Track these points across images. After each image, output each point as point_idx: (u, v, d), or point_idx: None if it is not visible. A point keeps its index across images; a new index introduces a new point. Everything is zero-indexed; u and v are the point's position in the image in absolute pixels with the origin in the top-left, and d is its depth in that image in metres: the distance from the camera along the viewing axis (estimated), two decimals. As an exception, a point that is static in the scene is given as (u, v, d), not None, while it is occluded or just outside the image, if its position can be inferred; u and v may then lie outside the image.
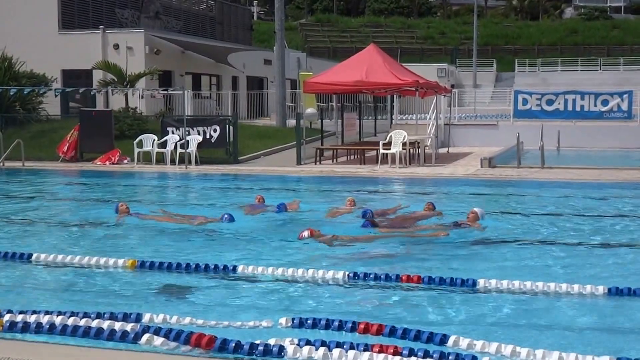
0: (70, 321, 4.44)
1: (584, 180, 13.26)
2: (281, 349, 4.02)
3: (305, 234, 7.59)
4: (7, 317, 4.53)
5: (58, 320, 4.46)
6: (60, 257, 6.76)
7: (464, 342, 4.22)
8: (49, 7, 25.63)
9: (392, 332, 4.39)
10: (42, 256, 6.78)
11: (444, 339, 4.26)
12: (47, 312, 4.64)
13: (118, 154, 17.44)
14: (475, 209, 8.55)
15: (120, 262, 6.58)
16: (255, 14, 60.04)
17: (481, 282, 5.79)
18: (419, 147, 17.03)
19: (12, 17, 25.36)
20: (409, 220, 8.76)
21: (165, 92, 21.33)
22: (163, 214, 9.35)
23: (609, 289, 5.56)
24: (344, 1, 77.80)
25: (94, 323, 4.42)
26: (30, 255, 6.80)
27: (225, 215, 8.69)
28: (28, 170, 16.12)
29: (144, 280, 6.22)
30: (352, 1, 78.56)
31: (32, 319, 4.49)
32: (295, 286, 5.95)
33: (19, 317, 4.53)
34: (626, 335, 4.78)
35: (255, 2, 70.35)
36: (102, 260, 6.65)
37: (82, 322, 4.43)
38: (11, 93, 19.38)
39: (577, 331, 4.83)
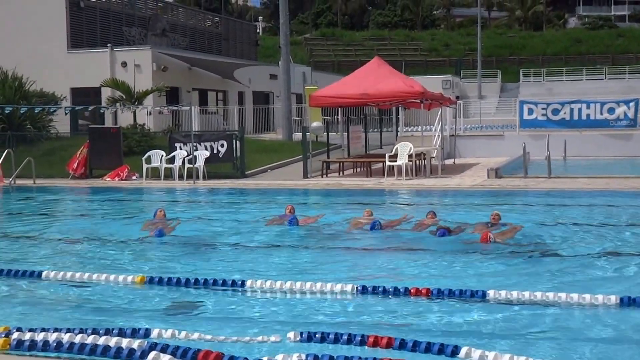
0: (78, 339, 4.46)
1: (591, 190, 13.22)
2: (290, 364, 4.01)
3: (491, 236, 7.91)
4: (15, 335, 4.56)
5: (66, 337, 4.48)
6: (69, 274, 6.79)
7: (475, 354, 4.20)
8: (58, 27, 25.95)
9: (402, 345, 4.38)
10: (52, 273, 6.82)
11: (455, 351, 4.25)
12: (55, 330, 4.65)
13: (126, 169, 17.55)
14: (496, 211, 9.02)
15: (130, 278, 6.62)
16: (260, 30, 60.44)
17: (491, 293, 5.79)
18: (425, 159, 17.04)
19: (21, 37, 25.68)
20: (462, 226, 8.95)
21: (176, 108, 21.48)
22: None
23: (622, 299, 5.52)
24: (348, 15, 78.23)
25: (102, 340, 4.44)
26: (40, 273, 6.85)
27: (156, 231, 8.89)
28: (39, 188, 16.25)
29: (153, 295, 6.25)
30: (356, 15, 78.98)
31: (39, 337, 4.52)
32: (304, 300, 5.96)
33: (27, 335, 4.55)
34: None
35: (260, 17, 70.86)
36: (112, 277, 6.68)
37: (90, 340, 4.45)
38: (21, 112, 19.58)
39: (590, 342, 4.79)
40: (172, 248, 8.50)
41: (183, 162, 16.97)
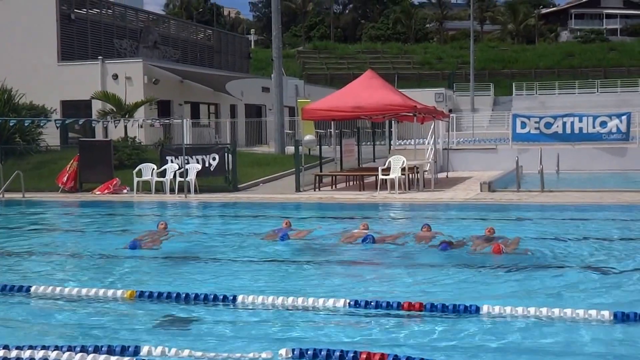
0: (65, 356, 4.35)
1: (584, 203, 13.20)
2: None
3: (503, 248, 8.13)
4: (1, 352, 4.44)
5: (53, 355, 4.37)
6: (58, 289, 6.68)
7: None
8: (49, 39, 25.85)
9: (395, 362, 4.31)
10: (41, 288, 6.70)
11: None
12: (43, 347, 4.55)
13: (115, 182, 17.42)
14: (490, 226, 9.03)
15: (119, 293, 6.51)
16: (252, 42, 60.59)
17: (485, 308, 5.71)
18: (417, 172, 16.99)
19: (11, 49, 25.57)
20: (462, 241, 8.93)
21: (167, 120, 21.40)
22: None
23: (615, 314, 5.47)
24: (340, 28, 78.62)
25: (90, 358, 4.33)
26: (29, 288, 6.73)
27: (130, 243, 8.92)
28: (28, 202, 16.08)
29: (143, 311, 6.13)
30: (349, 28, 79.40)
31: (26, 354, 4.40)
32: (296, 316, 5.86)
33: (14, 353, 4.44)
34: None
35: (252, 30, 71.11)
36: (101, 292, 6.57)
37: (78, 358, 4.34)
38: (11, 124, 19.44)
39: (583, 358, 4.73)
40: (162, 262, 8.39)
41: (174, 176, 16.86)
